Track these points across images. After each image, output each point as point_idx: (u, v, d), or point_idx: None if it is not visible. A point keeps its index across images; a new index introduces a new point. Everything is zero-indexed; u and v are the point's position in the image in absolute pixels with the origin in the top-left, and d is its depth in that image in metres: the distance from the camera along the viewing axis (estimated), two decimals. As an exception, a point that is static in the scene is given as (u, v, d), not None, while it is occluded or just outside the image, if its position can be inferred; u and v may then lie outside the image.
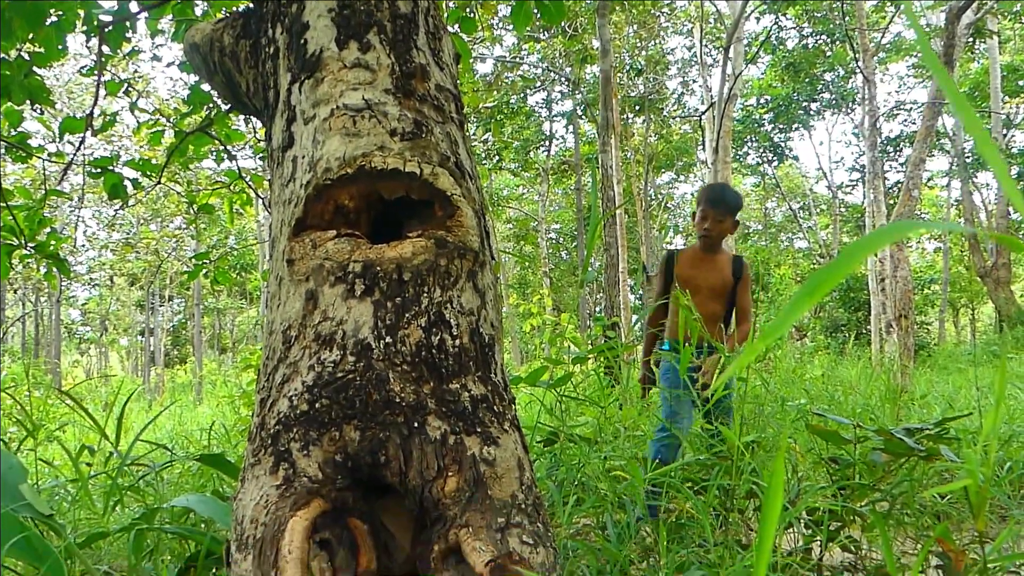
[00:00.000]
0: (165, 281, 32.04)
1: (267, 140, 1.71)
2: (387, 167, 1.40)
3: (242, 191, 4.86)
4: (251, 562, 1.19)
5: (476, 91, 17.21)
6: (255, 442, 1.33)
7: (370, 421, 1.25)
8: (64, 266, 4.05)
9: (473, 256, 1.42)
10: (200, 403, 15.51)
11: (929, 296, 26.08)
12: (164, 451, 2.64)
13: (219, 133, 4.07)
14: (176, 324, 40.83)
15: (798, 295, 0.36)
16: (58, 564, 1.24)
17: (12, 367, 14.85)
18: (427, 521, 1.28)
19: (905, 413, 5.52)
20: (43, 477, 3.38)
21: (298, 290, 1.37)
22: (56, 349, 25.83)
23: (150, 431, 7.27)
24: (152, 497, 2.56)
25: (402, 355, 1.29)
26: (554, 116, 24.66)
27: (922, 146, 8.67)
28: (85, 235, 27.17)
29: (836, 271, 0.36)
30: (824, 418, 2.64)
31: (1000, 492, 2.76)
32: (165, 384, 28.10)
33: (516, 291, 29.60)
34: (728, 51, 12.86)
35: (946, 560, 2.14)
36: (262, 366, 1.43)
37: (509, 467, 1.30)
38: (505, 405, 1.38)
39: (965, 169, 19.67)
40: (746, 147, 28.02)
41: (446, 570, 1.23)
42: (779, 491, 0.49)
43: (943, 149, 24.33)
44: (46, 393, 7.12)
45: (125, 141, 20.27)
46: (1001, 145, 18.63)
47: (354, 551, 1.25)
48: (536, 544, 1.24)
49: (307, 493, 1.22)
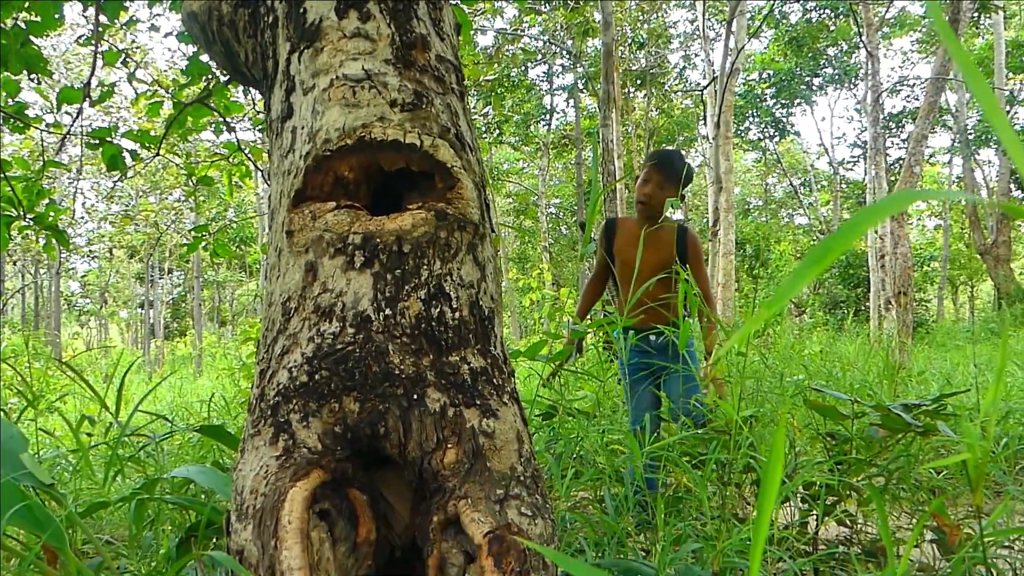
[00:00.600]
0: (164, 253, 32.02)
1: (266, 111, 1.69)
2: (387, 138, 1.39)
3: (241, 163, 4.84)
4: (251, 531, 1.19)
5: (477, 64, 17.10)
6: (255, 413, 1.33)
7: (369, 393, 1.25)
8: (63, 238, 4.04)
9: (473, 228, 1.42)
10: (200, 375, 15.57)
11: (928, 273, 26.10)
12: (164, 422, 2.65)
13: (218, 105, 4.05)
14: (176, 297, 40.86)
15: (805, 262, 0.36)
16: (59, 532, 1.25)
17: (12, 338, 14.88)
18: (426, 492, 1.29)
19: (903, 389, 5.55)
20: (44, 447, 3.39)
21: (297, 262, 1.37)
22: (56, 321, 25.87)
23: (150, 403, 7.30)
24: (152, 468, 2.57)
25: (402, 327, 1.29)
26: (555, 90, 24.50)
27: (925, 122, 8.63)
28: (84, 207, 27.13)
29: (843, 239, 0.35)
30: (822, 393, 2.65)
31: (995, 468, 2.77)
32: (165, 356, 28.17)
33: (516, 265, 29.61)
34: (731, 25, 12.76)
35: (941, 535, 2.16)
36: (261, 337, 1.43)
37: (508, 439, 1.30)
38: (504, 378, 1.38)
39: (967, 146, 19.59)
40: (748, 122, 27.89)
41: (445, 541, 1.23)
42: (779, 464, 0.49)
43: (945, 125, 24.23)
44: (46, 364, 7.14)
45: (123, 112, 20.16)
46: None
47: (353, 521, 1.26)
48: (535, 516, 1.24)
49: (307, 464, 1.23)
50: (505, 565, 1.15)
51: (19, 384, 2.35)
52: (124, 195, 27.29)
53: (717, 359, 2.83)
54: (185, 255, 27.84)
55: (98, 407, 2.12)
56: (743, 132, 28.40)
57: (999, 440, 3.07)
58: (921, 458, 2.57)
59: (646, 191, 3.34)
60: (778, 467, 0.49)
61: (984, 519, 2.38)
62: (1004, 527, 2.33)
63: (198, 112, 4.05)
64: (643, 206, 3.36)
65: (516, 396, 1.40)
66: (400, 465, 1.30)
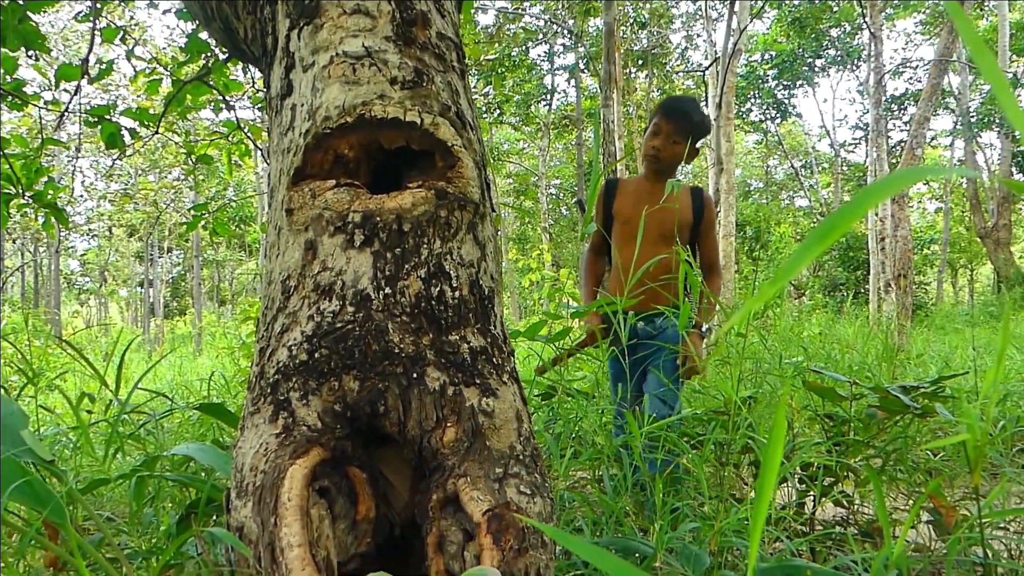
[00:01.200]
0: (164, 232, 31.98)
1: (266, 88, 1.68)
2: (387, 116, 1.38)
3: (240, 142, 4.82)
4: (251, 508, 1.20)
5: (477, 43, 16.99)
6: (254, 391, 1.33)
7: (369, 371, 1.25)
8: (62, 216, 4.03)
9: (473, 208, 1.41)
10: (200, 354, 15.59)
11: (928, 256, 26.09)
12: (164, 400, 2.65)
13: (217, 83, 4.03)
14: (175, 276, 40.85)
15: (809, 240, 0.36)
16: (59, 507, 1.25)
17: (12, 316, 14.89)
18: (426, 471, 1.29)
19: (901, 372, 5.56)
20: (44, 424, 3.40)
21: (297, 240, 1.37)
22: (56, 299, 25.87)
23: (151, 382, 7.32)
24: (153, 446, 2.58)
25: (401, 306, 1.29)
26: (556, 70, 24.37)
27: (927, 104, 8.59)
28: (83, 185, 27.05)
29: (847, 217, 0.35)
30: (821, 375, 2.65)
31: (992, 450, 2.78)
32: (165, 335, 28.20)
33: (516, 246, 29.58)
34: (733, 5, 12.67)
35: (937, 516, 2.17)
36: (261, 316, 1.43)
37: (507, 418, 1.30)
38: (504, 357, 1.38)
39: (969, 128, 19.51)
40: (749, 103, 27.78)
41: (444, 519, 1.24)
42: (779, 445, 0.49)
43: (948, 108, 24.12)
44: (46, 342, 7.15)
45: (122, 90, 20.07)
46: (1007, 104, 18.40)
47: (353, 499, 1.26)
48: (533, 494, 1.25)
49: (306, 442, 1.23)
50: (504, 543, 1.15)
51: (19, 362, 2.36)
52: (123, 174, 27.21)
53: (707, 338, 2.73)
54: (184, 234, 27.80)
55: (98, 385, 2.12)
56: (745, 113, 28.29)
57: (996, 422, 3.07)
58: (919, 440, 2.58)
59: (655, 144, 2.95)
60: (779, 447, 0.49)
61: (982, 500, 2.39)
62: (1001, 508, 2.34)
63: (197, 90, 4.02)
64: (652, 161, 2.98)
65: (516, 376, 1.40)
66: (399, 443, 1.30)
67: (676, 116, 2.94)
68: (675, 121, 2.93)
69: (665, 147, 2.94)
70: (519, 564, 1.15)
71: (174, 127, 8.08)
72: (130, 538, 1.96)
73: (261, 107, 5.02)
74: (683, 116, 2.95)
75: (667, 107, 2.99)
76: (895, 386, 2.48)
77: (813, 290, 21.61)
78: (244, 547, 1.18)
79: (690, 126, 2.94)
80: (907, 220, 9.05)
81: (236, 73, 4.72)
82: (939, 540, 2.25)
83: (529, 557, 1.17)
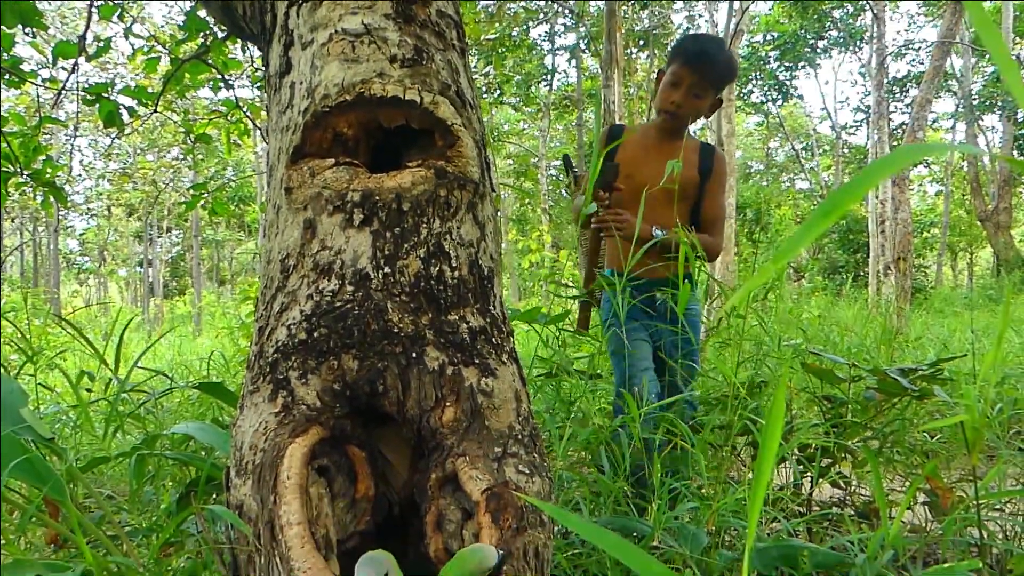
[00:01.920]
0: (163, 212, 31.92)
1: (264, 66, 1.67)
2: (387, 94, 1.38)
3: (239, 121, 4.80)
4: (250, 487, 1.20)
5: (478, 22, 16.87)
6: (254, 370, 1.33)
7: (368, 351, 1.26)
8: (61, 194, 4.02)
9: (473, 187, 1.41)
10: (199, 334, 15.61)
11: (928, 239, 26.09)
12: (163, 379, 2.66)
13: (216, 61, 4.00)
14: (175, 255, 40.82)
15: (809, 220, 0.36)
16: (59, 485, 1.26)
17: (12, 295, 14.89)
18: (425, 450, 1.30)
19: (899, 354, 5.57)
20: (44, 403, 3.41)
21: (296, 219, 1.36)
22: (55, 279, 25.86)
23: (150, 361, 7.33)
24: (152, 424, 2.59)
25: (400, 285, 1.29)
26: (557, 49, 24.22)
27: (929, 86, 8.56)
28: (81, 164, 26.97)
29: (848, 195, 0.35)
30: (819, 357, 2.66)
31: (990, 432, 2.79)
32: (164, 315, 28.23)
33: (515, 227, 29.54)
34: (736, -15, 12.58)
35: (933, 497, 2.19)
36: (260, 295, 1.43)
37: (506, 398, 1.30)
38: (503, 337, 1.38)
39: (971, 111, 19.44)
40: (750, 85, 27.64)
41: (443, 497, 1.24)
42: (778, 425, 0.49)
43: (950, 91, 24.03)
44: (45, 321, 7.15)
45: (120, 68, 19.97)
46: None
47: (352, 478, 1.27)
48: (532, 474, 1.25)
49: (306, 421, 1.23)
50: (502, 521, 1.16)
51: (19, 340, 2.36)
52: (122, 153, 27.11)
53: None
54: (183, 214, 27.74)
55: (97, 364, 2.12)
56: (746, 95, 28.16)
57: (994, 404, 3.08)
58: (916, 422, 2.59)
59: (675, 99, 2.55)
60: (777, 428, 0.49)
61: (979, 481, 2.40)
62: (997, 490, 2.35)
63: (196, 69, 4.00)
64: (669, 118, 2.60)
65: (515, 355, 1.40)
66: (399, 423, 1.30)
67: (700, 64, 2.52)
68: (699, 71, 2.52)
69: (686, 102, 2.55)
70: (517, 542, 1.16)
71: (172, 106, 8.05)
72: (130, 516, 1.97)
73: (260, 86, 4.99)
74: (708, 64, 2.53)
75: (688, 53, 2.55)
76: (893, 368, 2.49)
77: (813, 273, 21.62)
78: (244, 525, 1.18)
79: (715, 75, 2.55)
80: (907, 203, 9.04)
81: (235, 51, 4.68)
82: (935, 521, 2.26)
83: (527, 536, 1.18)
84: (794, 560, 1.63)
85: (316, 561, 1.09)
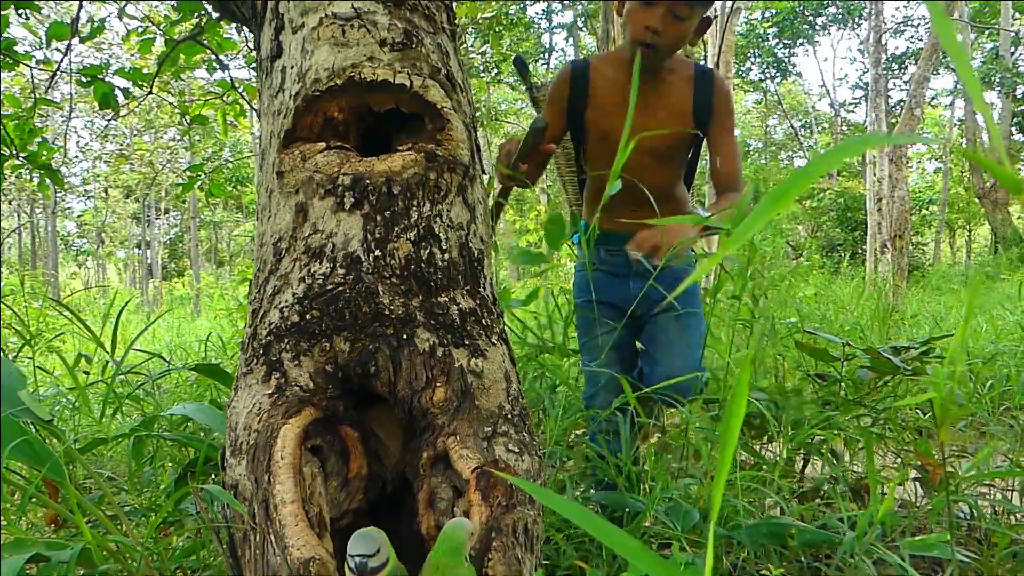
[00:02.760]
0: (160, 193, 31.83)
1: (256, 50, 1.68)
2: (376, 78, 1.39)
3: (235, 102, 4.79)
4: (245, 467, 1.23)
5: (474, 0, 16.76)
6: (247, 352, 1.35)
7: (360, 333, 1.27)
8: (57, 176, 4.02)
9: (463, 170, 1.42)
10: (199, 316, 15.62)
11: (927, 217, 26.07)
12: (161, 361, 2.68)
13: (210, 42, 3.99)
14: (173, 237, 40.76)
15: (763, 203, 0.37)
16: (58, 465, 1.28)
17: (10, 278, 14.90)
18: (416, 430, 1.32)
19: (895, 332, 5.60)
20: (43, 386, 3.43)
21: (288, 202, 1.38)
22: (53, 261, 25.84)
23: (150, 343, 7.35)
24: (151, 406, 2.61)
25: (391, 268, 1.30)
26: (554, 28, 24.08)
27: (927, 63, 8.54)
28: (78, 146, 26.87)
29: (802, 180, 0.36)
30: (814, 336, 2.68)
31: (980, 408, 2.82)
32: (163, 297, 28.24)
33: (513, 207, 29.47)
34: (733, -38, 12.49)
35: (924, 473, 2.22)
36: (253, 278, 1.44)
37: (496, 379, 1.33)
38: (493, 319, 1.40)
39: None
40: (749, 62, 27.51)
41: (434, 476, 1.27)
42: (743, 399, 0.51)
43: (948, 67, 23.92)
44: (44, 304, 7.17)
45: (115, 49, 19.84)
46: (1009, 63, 18.31)
47: (345, 457, 1.29)
48: (521, 452, 1.28)
49: (299, 402, 1.25)
50: (492, 499, 1.18)
51: (17, 324, 2.38)
52: (119, 134, 27.01)
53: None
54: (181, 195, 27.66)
55: (95, 346, 2.14)
56: (744, 73, 28.02)
57: (985, 382, 3.11)
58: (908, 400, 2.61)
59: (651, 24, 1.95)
60: (742, 401, 0.51)
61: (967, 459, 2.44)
62: (987, 468, 2.38)
63: (190, 49, 3.98)
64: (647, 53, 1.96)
65: (505, 336, 1.42)
66: (391, 403, 1.32)
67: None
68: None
69: (665, 27, 1.95)
70: (507, 520, 1.18)
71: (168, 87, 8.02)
72: (130, 496, 1.99)
73: (255, 66, 4.97)
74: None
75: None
76: (886, 347, 2.51)
77: (811, 251, 21.62)
78: (238, 504, 1.21)
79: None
80: (904, 180, 9.04)
81: (230, 32, 4.67)
82: (926, 497, 2.29)
83: (517, 513, 1.20)
84: (783, 537, 1.65)
85: (310, 538, 1.12)
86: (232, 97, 4.73)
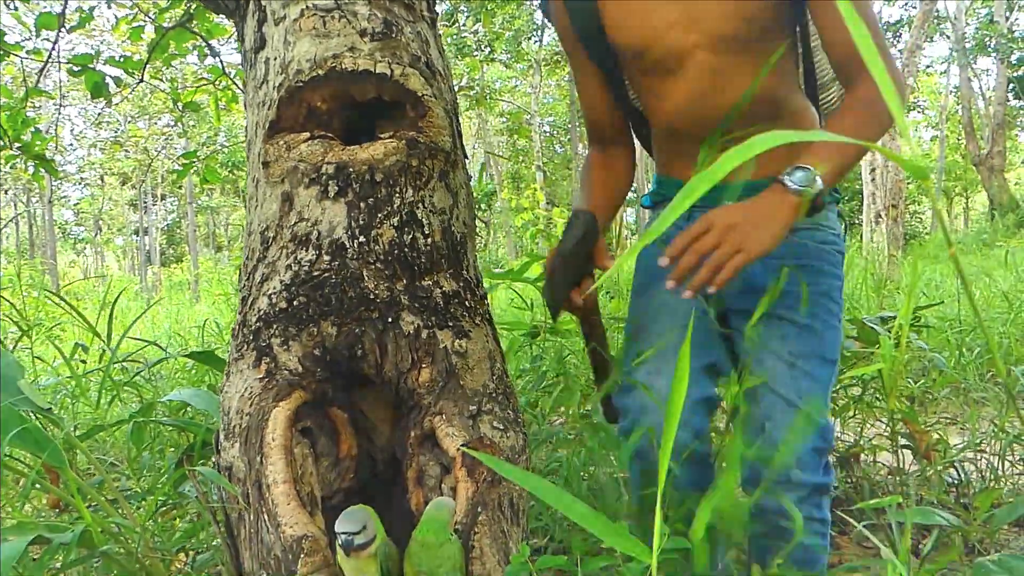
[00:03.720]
0: (157, 179, 31.76)
1: (240, 41, 1.70)
2: (358, 68, 1.41)
3: (227, 88, 4.79)
4: (238, 449, 1.27)
5: (465, -21, 16.64)
6: (238, 338, 1.39)
7: (346, 317, 1.31)
8: (51, 166, 4.04)
9: (444, 156, 1.45)
10: (198, 301, 15.64)
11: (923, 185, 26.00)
12: (158, 349, 2.72)
13: (201, 28, 3.98)
14: (170, 223, 40.69)
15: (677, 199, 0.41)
16: (57, 452, 1.32)
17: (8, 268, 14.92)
18: (404, 410, 1.36)
19: (889, 302, 5.63)
20: (43, 375, 3.47)
21: (274, 192, 1.41)
22: (51, 250, 25.83)
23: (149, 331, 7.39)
24: (150, 392, 2.65)
25: (375, 254, 1.34)
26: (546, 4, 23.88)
27: (919, 32, 8.51)
28: (72, 133, 26.79)
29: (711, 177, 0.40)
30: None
31: (967, 375, 2.87)
32: (162, 283, 28.26)
33: (510, 185, 29.42)
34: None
35: (912, 440, 2.28)
36: (243, 266, 1.48)
37: (480, 359, 1.36)
38: (477, 300, 1.44)
39: (965, 55, 19.30)
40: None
41: (422, 454, 1.31)
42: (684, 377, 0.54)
43: (943, 34, 23.80)
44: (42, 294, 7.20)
45: (106, 36, 19.72)
46: (1004, 29, 18.22)
47: (335, 438, 1.33)
48: (506, 429, 1.32)
49: (288, 385, 1.29)
50: (477, 475, 1.23)
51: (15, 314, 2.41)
52: (113, 121, 26.91)
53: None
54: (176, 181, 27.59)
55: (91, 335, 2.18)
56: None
57: (972, 349, 3.15)
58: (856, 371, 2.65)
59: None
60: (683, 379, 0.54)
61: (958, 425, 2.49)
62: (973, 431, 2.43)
63: (180, 36, 3.99)
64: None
65: (489, 317, 1.46)
66: (378, 385, 1.36)
67: None
68: None
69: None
70: (492, 494, 1.23)
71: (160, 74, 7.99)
72: (130, 481, 2.04)
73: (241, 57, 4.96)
74: None
75: None
76: (874, 317, 2.55)
77: (808, 222, 21.58)
78: (231, 485, 1.25)
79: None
80: (899, 150, 9.03)
81: (219, 18, 4.66)
82: (915, 463, 2.35)
83: (503, 487, 1.25)
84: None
85: (301, 516, 1.16)
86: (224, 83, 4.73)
